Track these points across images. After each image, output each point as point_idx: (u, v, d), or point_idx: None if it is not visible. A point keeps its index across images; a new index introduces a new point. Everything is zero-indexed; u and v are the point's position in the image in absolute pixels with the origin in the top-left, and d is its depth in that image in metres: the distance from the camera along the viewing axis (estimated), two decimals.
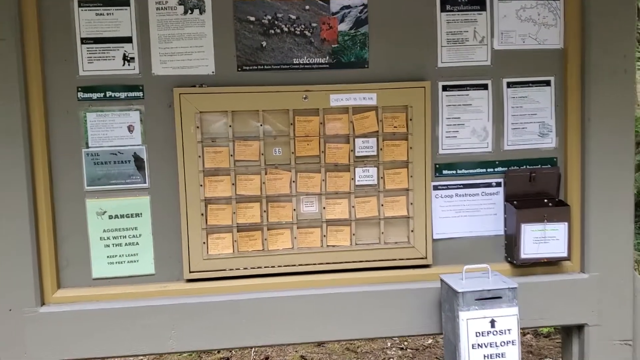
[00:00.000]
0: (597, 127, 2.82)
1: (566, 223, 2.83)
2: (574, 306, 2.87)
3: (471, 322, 2.52)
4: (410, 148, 2.78)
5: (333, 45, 2.75)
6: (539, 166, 2.91)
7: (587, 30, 2.81)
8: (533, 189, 2.90)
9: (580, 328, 2.93)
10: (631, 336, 2.91)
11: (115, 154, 2.66)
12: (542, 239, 2.82)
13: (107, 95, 2.65)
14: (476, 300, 2.53)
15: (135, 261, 2.72)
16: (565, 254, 2.84)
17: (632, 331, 2.91)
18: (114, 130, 2.66)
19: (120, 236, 2.70)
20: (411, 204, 2.81)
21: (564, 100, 2.89)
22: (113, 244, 2.69)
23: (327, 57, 2.75)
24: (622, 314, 2.89)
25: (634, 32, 2.83)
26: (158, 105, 2.67)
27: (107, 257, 2.69)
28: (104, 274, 2.70)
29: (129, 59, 2.65)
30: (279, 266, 2.77)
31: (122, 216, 2.70)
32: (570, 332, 2.99)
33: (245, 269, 2.75)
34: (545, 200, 2.90)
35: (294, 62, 2.74)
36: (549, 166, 2.91)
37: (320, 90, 2.72)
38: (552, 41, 2.87)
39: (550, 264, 2.90)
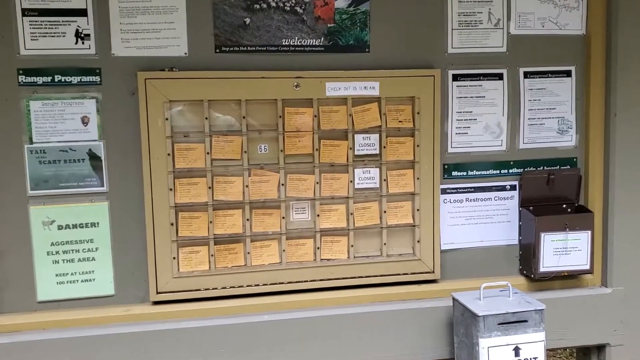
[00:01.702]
0: (623, 123, 2.52)
1: (589, 232, 2.51)
2: (596, 325, 2.56)
3: (493, 350, 2.17)
4: (417, 146, 2.41)
5: (329, 25, 2.34)
6: (558, 167, 2.58)
7: (613, 14, 2.50)
8: (550, 193, 2.57)
9: (600, 348, 2.62)
10: None
11: (66, 151, 2.24)
12: (563, 249, 2.50)
13: (56, 80, 2.21)
14: (499, 324, 2.18)
15: (90, 280, 2.31)
16: (587, 267, 2.53)
17: None
18: (65, 122, 2.23)
19: (73, 250, 2.29)
20: (417, 210, 2.44)
21: (585, 92, 2.57)
22: (63, 260, 2.29)
23: (322, 39, 2.34)
24: None
25: None
26: (119, 93, 2.27)
27: (56, 275, 2.29)
28: (52, 296, 2.29)
29: (82, 36, 2.21)
30: (264, 284, 2.38)
31: (74, 226, 2.28)
32: (588, 352, 2.68)
33: (223, 288, 2.36)
34: (564, 206, 2.57)
35: (283, 44, 2.32)
36: (569, 167, 2.59)
37: (315, 77, 2.34)
38: (574, 26, 2.54)
39: (569, 277, 2.58)
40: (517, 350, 2.19)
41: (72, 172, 2.24)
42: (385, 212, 2.43)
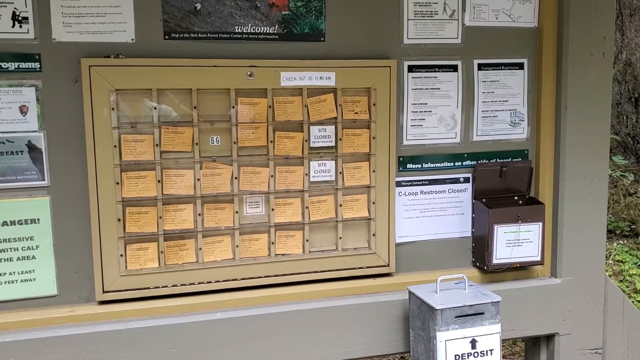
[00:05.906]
0: (573, 116, 2.54)
1: (540, 223, 2.54)
2: (546, 315, 2.60)
3: (450, 343, 2.16)
4: (373, 138, 2.37)
5: (283, 12, 2.26)
6: (510, 159, 2.60)
7: (564, 7, 2.52)
8: (503, 185, 2.58)
9: (549, 338, 2.66)
10: (602, 344, 2.68)
11: (3, 143, 2.09)
12: (516, 241, 2.52)
13: None
14: (456, 317, 2.17)
15: (30, 280, 2.16)
16: (538, 258, 2.55)
17: (602, 338, 2.68)
18: (1, 112, 2.07)
19: (11, 248, 2.14)
20: (373, 203, 2.40)
21: (537, 85, 2.59)
22: (0, 259, 2.13)
23: (277, 27, 2.26)
24: (593, 321, 2.66)
25: (614, 13, 2.55)
26: (61, 81, 2.12)
27: None
28: None
29: (20, 19, 2.06)
30: (216, 281, 2.29)
31: (12, 223, 2.13)
32: (537, 342, 2.72)
33: (174, 286, 2.25)
34: (516, 198, 2.59)
35: (236, 31, 2.23)
36: (520, 159, 2.61)
37: (269, 66, 2.25)
38: (527, 18, 2.55)
39: (520, 269, 2.60)
40: (473, 343, 2.19)
41: (10, 165, 2.08)
42: (340, 205, 2.38)
